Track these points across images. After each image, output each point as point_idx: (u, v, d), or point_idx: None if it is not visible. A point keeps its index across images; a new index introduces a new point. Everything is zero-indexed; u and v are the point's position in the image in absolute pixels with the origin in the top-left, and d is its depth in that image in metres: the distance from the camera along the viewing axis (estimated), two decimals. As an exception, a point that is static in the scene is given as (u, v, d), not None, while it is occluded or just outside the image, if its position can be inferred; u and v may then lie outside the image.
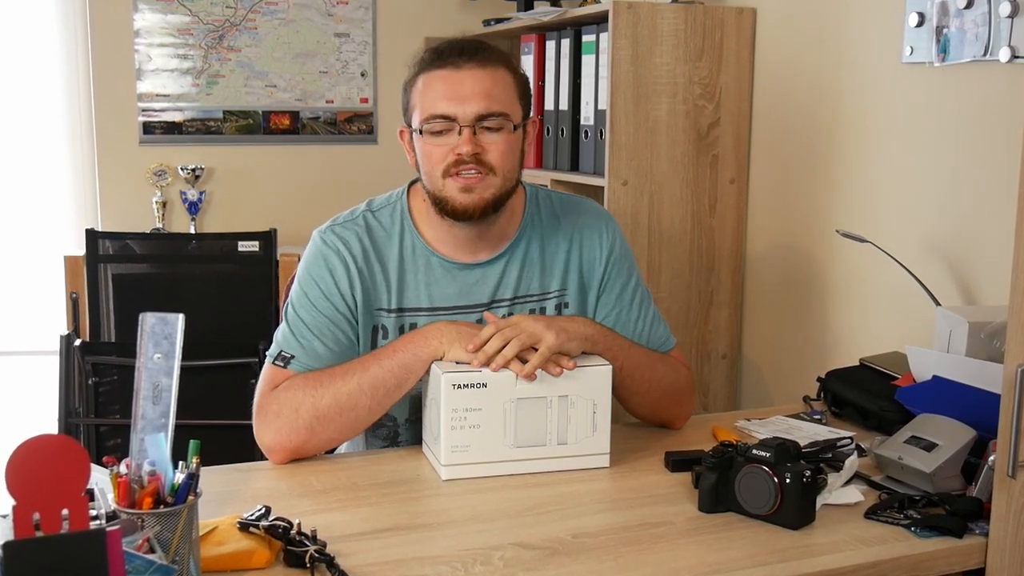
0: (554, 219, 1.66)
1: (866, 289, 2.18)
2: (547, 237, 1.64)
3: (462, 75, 1.49)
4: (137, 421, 1.08)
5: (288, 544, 1.17)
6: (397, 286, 1.58)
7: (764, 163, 2.50)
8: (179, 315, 1.10)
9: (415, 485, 1.44)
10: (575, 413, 1.45)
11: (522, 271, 1.62)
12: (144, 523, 1.03)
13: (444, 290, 1.59)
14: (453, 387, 1.42)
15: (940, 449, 1.37)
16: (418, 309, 1.59)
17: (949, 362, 1.57)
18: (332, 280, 1.56)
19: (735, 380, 2.62)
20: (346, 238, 1.58)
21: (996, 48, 1.79)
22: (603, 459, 1.48)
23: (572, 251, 1.64)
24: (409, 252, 1.59)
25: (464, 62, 1.49)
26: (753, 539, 1.26)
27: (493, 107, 1.49)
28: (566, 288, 1.64)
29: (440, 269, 1.59)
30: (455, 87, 1.49)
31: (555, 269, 1.64)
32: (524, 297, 1.62)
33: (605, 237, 1.66)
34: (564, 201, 1.69)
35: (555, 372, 1.44)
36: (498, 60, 1.52)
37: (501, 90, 1.51)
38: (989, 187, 1.86)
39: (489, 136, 1.50)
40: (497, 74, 1.51)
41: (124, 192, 3.34)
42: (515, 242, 1.62)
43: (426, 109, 1.51)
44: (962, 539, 1.27)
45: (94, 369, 2.57)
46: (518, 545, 1.23)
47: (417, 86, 1.53)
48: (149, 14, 3.31)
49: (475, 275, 1.60)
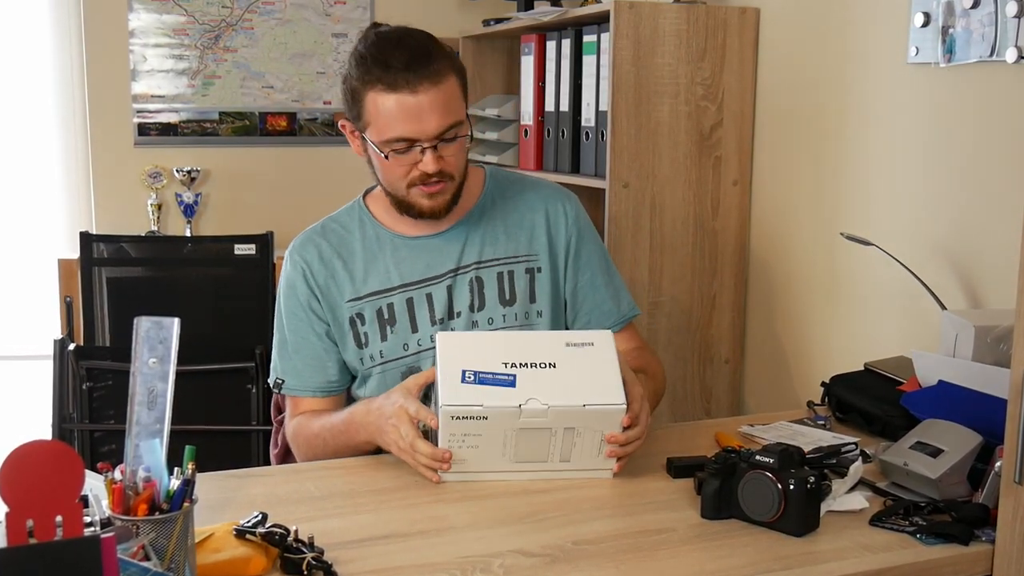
0: (514, 190, 1.74)
1: (871, 293, 2.17)
2: (509, 205, 1.72)
3: (420, 99, 1.51)
4: (132, 426, 1.08)
5: (285, 551, 1.17)
6: (364, 273, 1.66)
7: (767, 165, 2.49)
8: (174, 319, 1.10)
9: (413, 491, 1.43)
10: (580, 441, 1.42)
11: (484, 235, 1.68)
12: (139, 530, 1.03)
13: (413, 265, 1.66)
14: (452, 419, 1.38)
15: (946, 455, 1.36)
16: (391, 289, 1.66)
17: (955, 367, 1.57)
18: (296, 296, 1.67)
19: (738, 385, 2.61)
20: (302, 250, 1.69)
21: (1003, 48, 1.78)
22: (606, 473, 1.47)
23: (537, 219, 1.71)
24: (372, 240, 1.68)
25: (417, 83, 1.51)
26: (756, 546, 1.25)
27: (450, 119, 1.54)
28: (536, 254, 1.70)
29: (405, 248, 1.67)
30: (413, 111, 1.52)
31: (520, 234, 1.70)
32: (490, 261, 1.68)
33: (568, 206, 1.74)
34: (524, 177, 1.81)
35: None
36: (446, 68, 1.54)
37: (454, 100, 1.56)
38: (996, 189, 1.85)
39: (447, 147, 1.56)
40: (449, 86, 1.54)
41: (119, 194, 3.34)
42: (475, 209, 1.69)
43: (384, 130, 1.54)
44: (968, 546, 1.26)
45: (88, 374, 2.57)
46: (518, 552, 1.23)
47: (367, 100, 1.55)
48: (144, 14, 3.30)
49: (439, 244, 1.67)
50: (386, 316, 1.66)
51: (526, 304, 1.68)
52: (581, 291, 1.73)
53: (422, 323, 1.66)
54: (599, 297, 1.74)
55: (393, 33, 1.59)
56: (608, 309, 1.75)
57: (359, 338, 1.66)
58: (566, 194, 1.77)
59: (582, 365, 1.42)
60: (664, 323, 2.49)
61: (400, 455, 1.47)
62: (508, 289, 1.68)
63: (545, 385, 1.39)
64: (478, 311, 1.67)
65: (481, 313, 1.67)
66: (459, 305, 1.66)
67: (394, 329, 1.65)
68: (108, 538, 0.91)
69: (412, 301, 1.66)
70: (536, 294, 1.69)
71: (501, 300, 1.67)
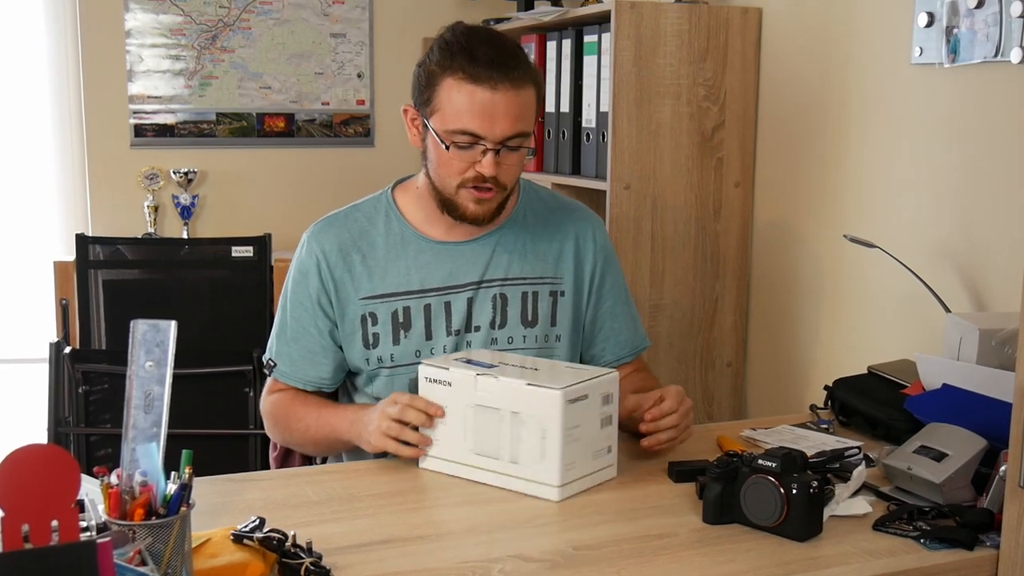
0: (547, 212, 1.72)
1: (874, 295, 2.17)
2: (540, 226, 1.70)
3: (496, 98, 1.50)
4: (128, 430, 1.08)
5: (283, 556, 1.16)
6: (383, 272, 1.63)
7: (770, 166, 2.49)
8: (171, 322, 1.10)
9: (413, 496, 1.43)
10: (525, 433, 1.41)
11: (513, 253, 1.66)
12: (135, 535, 1.03)
13: (435, 271, 1.63)
14: (427, 380, 1.47)
15: (950, 459, 1.36)
16: (409, 292, 1.63)
17: (959, 370, 1.56)
18: (306, 285, 1.64)
19: (740, 388, 2.61)
20: (322, 236, 1.65)
21: (1007, 49, 1.78)
22: (552, 491, 1.39)
23: (566, 244, 1.70)
24: (396, 237, 1.64)
25: (499, 81, 1.49)
26: (759, 551, 1.24)
27: (519, 128, 1.53)
28: (561, 278, 1.69)
29: (429, 252, 1.64)
30: (487, 108, 1.50)
31: (548, 257, 1.69)
32: (516, 279, 1.66)
33: (598, 233, 1.74)
34: (557, 198, 1.78)
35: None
36: (528, 77, 1.54)
37: (528, 111, 1.55)
38: (1000, 191, 1.85)
39: (509, 156, 1.54)
40: (527, 95, 1.53)
41: (115, 196, 3.33)
42: (506, 225, 1.67)
43: (452, 120, 1.52)
44: (972, 551, 1.25)
45: (84, 377, 2.57)
46: (518, 557, 1.22)
47: (443, 86, 1.52)
48: (140, 14, 3.29)
49: (465, 253, 1.64)
50: (401, 320, 1.63)
51: (547, 327, 1.67)
52: (601, 318, 1.73)
53: (437, 332, 1.63)
54: (618, 326, 1.74)
55: (483, 30, 1.58)
56: (625, 339, 1.75)
57: (367, 338, 1.63)
58: (596, 219, 1.76)
59: (558, 368, 1.49)
60: (666, 326, 2.48)
61: (386, 433, 1.46)
62: (531, 310, 1.66)
63: (511, 373, 1.44)
64: (499, 328, 1.65)
65: (502, 331, 1.65)
66: (479, 319, 1.64)
67: (408, 334, 1.63)
68: (104, 543, 0.91)
69: (430, 308, 1.63)
70: (557, 318, 1.68)
71: (523, 320, 1.65)
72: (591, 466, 1.43)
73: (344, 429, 1.56)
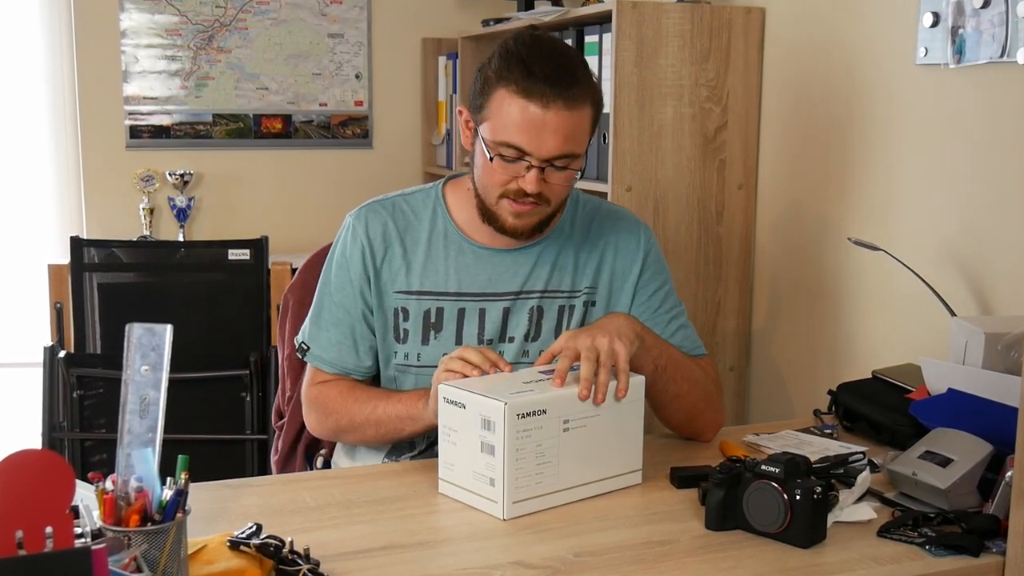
0: (593, 221, 1.69)
1: (879, 299, 2.17)
2: (584, 237, 1.67)
3: (547, 116, 1.46)
4: (124, 436, 1.08)
5: (280, 563, 1.15)
6: (421, 268, 1.61)
7: (773, 168, 2.48)
8: (167, 326, 1.09)
9: (412, 502, 1.41)
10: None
11: (555, 265, 1.64)
12: (131, 541, 1.02)
13: (474, 276, 1.61)
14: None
15: (955, 465, 1.35)
16: (444, 293, 1.61)
17: (965, 374, 1.55)
18: (348, 268, 1.62)
19: (743, 393, 2.60)
20: (368, 221, 1.63)
21: (1013, 49, 1.77)
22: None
23: (607, 252, 1.67)
24: (440, 236, 1.63)
25: (553, 99, 1.45)
26: (762, 558, 1.24)
27: (569, 148, 1.49)
28: (595, 287, 1.66)
29: (471, 255, 1.62)
30: (536, 124, 1.46)
31: (588, 269, 1.65)
32: (554, 292, 1.63)
33: (642, 241, 1.69)
34: (604, 206, 1.74)
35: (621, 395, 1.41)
36: (585, 97, 1.49)
37: (580, 131, 1.50)
38: (1006, 193, 1.85)
39: (555, 175, 1.51)
40: (581, 115, 1.49)
41: (110, 198, 3.31)
42: (551, 236, 1.64)
43: (501, 132, 1.49)
44: (978, 558, 1.24)
45: (79, 382, 2.58)
46: (518, 564, 1.21)
47: (496, 95, 1.49)
48: (136, 14, 3.28)
49: (506, 261, 1.62)
50: (432, 320, 1.61)
51: None
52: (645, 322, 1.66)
53: (468, 338, 1.60)
54: (658, 330, 1.65)
55: (548, 42, 1.53)
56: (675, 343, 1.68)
57: (398, 331, 1.61)
58: (643, 229, 1.71)
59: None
60: (667, 329, 2.46)
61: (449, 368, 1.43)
62: (566, 324, 1.64)
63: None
64: (532, 341, 1.62)
65: (535, 343, 1.62)
66: (513, 331, 1.61)
67: (438, 336, 1.61)
68: (99, 550, 0.90)
69: (464, 312, 1.60)
70: None
71: (557, 334, 1.61)
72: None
73: (415, 398, 1.53)
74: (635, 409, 1.43)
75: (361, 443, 1.64)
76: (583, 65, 1.52)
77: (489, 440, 1.32)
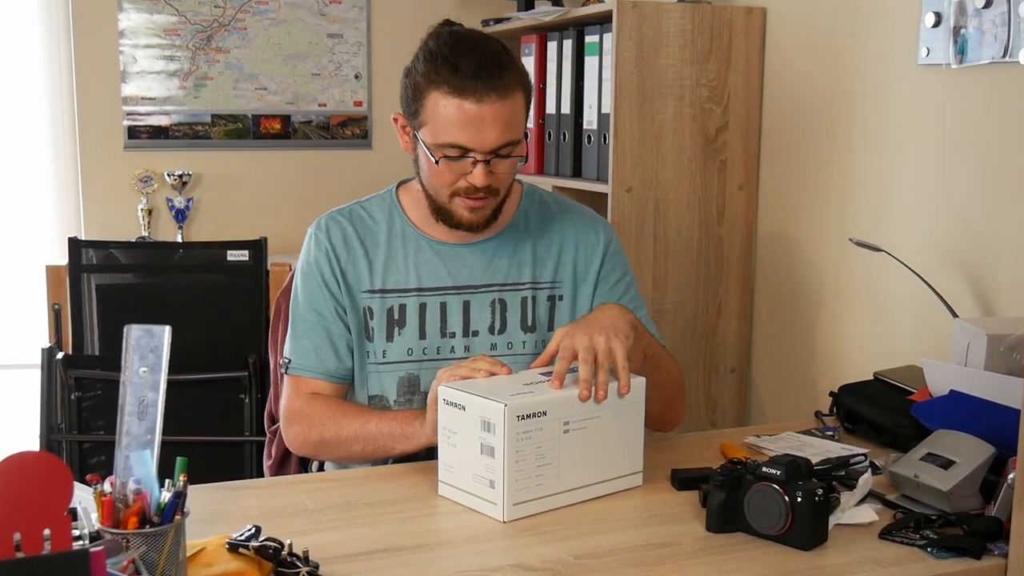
0: (549, 215, 1.71)
1: (880, 300, 2.17)
2: (541, 230, 1.69)
3: (483, 110, 1.49)
4: (122, 437, 1.08)
5: (279, 565, 1.15)
6: (383, 268, 1.64)
7: (774, 169, 2.48)
8: (166, 327, 1.10)
9: (411, 504, 1.41)
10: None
11: (512, 258, 1.67)
12: (129, 544, 1.03)
13: (434, 271, 1.64)
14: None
15: (957, 467, 1.35)
16: (406, 290, 1.64)
17: (967, 376, 1.55)
18: (315, 273, 1.65)
19: (744, 395, 2.60)
20: (329, 228, 1.67)
21: (1016, 49, 1.78)
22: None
23: (566, 246, 1.69)
24: (399, 235, 1.66)
25: (485, 93, 1.48)
26: (763, 560, 1.23)
27: (509, 135, 1.52)
28: (560, 281, 1.68)
29: (430, 251, 1.65)
30: (475, 120, 1.49)
31: (547, 261, 1.68)
32: (515, 284, 1.66)
33: (601, 234, 1.72)
34: (560, 201, 1.77)
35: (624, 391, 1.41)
36: (515, 83, 1.52)
37: (517, 118, 1.53)
38: (1008, 194, 1.85)
39: (500, 164, 1.54)
40: (515, 102, 1.52)
41: (108, 199, 3.30)
42: (507, 230, 1.67)
43: (441, 134, 1.51)
44: (980, 560, 1.24)
45: (77, 383, 2.58)
46: (518, 566, 1.21)
47: (429, 99, 1.52)
48: (134, 14, 3.27)
49: (464, 255, 1.65)
50: (396, 316, 1.63)
51: (544, 332, 1.67)
52: None
53: (431, 332, 1.63)
54: None
55: (468, 36, 1.56)
56: None
57: (369, 331, 1.64)
58: (601, 222, 1.74)
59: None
60: (668, 331, 2.47)
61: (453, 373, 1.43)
62: (531, 316, 1.66)
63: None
64: (499, 333, 1.65)
65: (502, 336, 1.65)
66: (477, 324, 1.64)
67: (402, 332, 1.63)
68: (97, 552, 0.90)
69: (425, 307, 1.63)
70: (555, 322, 1.68)
71: (523, 326, 1.66)
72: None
73: (411, 417, 1.52)
74: (635, 411, 1.43)
75: (343, 459, 1.62)
76: (505, 51, 1.54)
77: (489, 442, 1.32)
